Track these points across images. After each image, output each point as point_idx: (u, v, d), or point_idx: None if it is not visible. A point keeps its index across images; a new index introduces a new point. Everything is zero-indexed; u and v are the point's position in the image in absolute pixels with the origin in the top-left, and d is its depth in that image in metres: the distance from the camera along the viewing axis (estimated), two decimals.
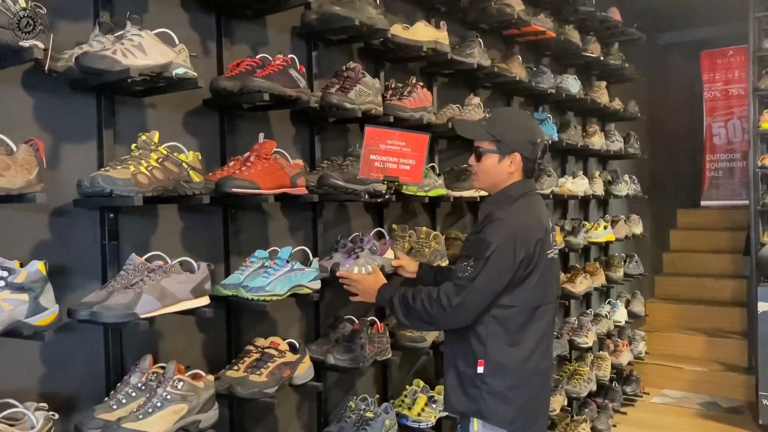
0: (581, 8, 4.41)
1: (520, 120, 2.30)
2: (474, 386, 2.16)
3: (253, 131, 2.46)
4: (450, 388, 2.25)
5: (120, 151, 2.04)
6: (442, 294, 2.08)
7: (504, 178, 2.23)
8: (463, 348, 2.19)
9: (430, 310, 2.10)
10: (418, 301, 2.13)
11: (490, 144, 2.21)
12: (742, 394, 5.27)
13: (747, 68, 6.85)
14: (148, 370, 1.96)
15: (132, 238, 2.11)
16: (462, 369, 2.19)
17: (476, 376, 2.15)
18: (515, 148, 2.19)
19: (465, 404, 2.19)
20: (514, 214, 2.15)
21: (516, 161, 2.20)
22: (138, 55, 1.84)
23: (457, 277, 2.09)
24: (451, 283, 2.10)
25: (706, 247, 6.73)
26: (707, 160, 7.41)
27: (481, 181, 2.28)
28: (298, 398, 2.72)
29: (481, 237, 2.11)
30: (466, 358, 2.18)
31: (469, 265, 2.07)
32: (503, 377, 2.15)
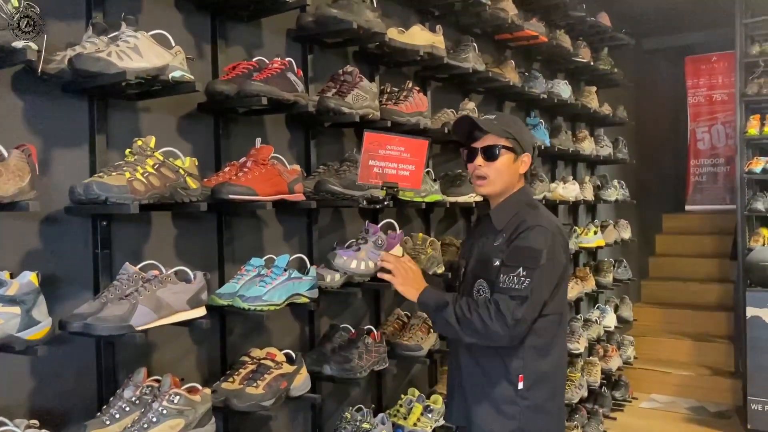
0: (572, 13, 4.41)
1: (520, 122, 2.29)
2: (512, 403, 2.06)
3: (248, 136, 2.40)
4: (481, 411, 2.10)
5: (113, 156, 1.97)
6: (504, 308, 1.94)
7: (515, 181, 2.17)
8: (497, 365, 2.07)
9: (491, 324, 1.94)
10: (475, 313, 1.97)
11: (507, 142, 2.12)
12: (729, 399, 5.30)
13: (730, 74, 6.97)
14: (142, 384, 1.89)
15: (124, 246, 2.04)
16: (497, 388, 2.07)
17: (515, 393, 2.05)
18: (526, 148, 2.17)
19: (501, 424, 2.07)
20: (549, 219, 2.11)
21: (526, 163, 2.18)
22: (134, 58, 1.77)
23: (513, 289, 1.95)
24: (505, 296, 1.95)
25: (692, 252, 6.77)
26: (691, 164, 7.46)
27: (492, 183, 2.14)
28: (293, 409, 2.65)
29: (525, 245, 2.00)
30: (503, 376, 2.07)
31: (522, 276, 1.95)
32: (541, 389, 2.08)
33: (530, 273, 1.96)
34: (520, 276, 1.96)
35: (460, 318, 1.99)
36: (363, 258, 2.33)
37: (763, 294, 4.49)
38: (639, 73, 6.54)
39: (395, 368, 2.76)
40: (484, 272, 2.10)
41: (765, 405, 4.44)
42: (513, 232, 2.07)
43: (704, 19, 6.19)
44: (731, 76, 7.02)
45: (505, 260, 2.02)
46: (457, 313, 2.00)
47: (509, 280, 1.97)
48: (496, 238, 2.13)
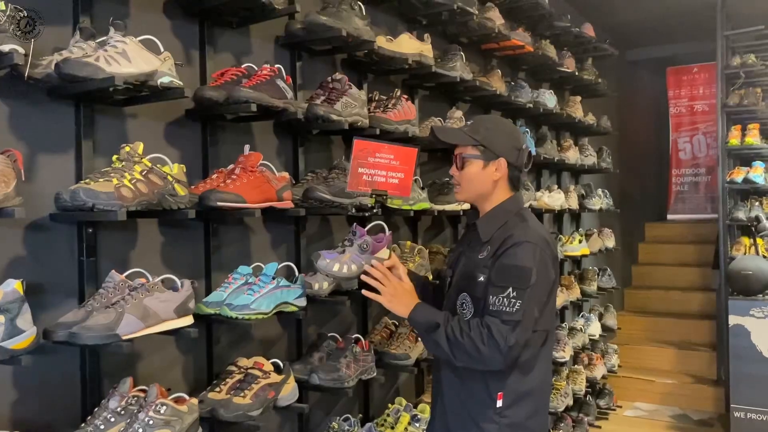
0: (557, 24, 4.45)
1: (503, 125, 2.16)
2: (491, 422, 1.97)
3: (236, 143, 2.39)
4: (460, 428, 2.03)
5: (99, 162, 1.95)
6: (496, 333, 1.85)
7: (489, 188, 2.06)
8: (476, 382, 1.99)
9: (483, 350, 1.86)
10: (467, 338, 1.88)
11: (473, 150, 2.04)
12: (712, 407, 5.34)
13: (711, 85, 7.07)
14: (128, 394, 1.86)
15: (110, 254, 2.01)
16: (476, 405, 2.00)
17: (494, 411, 1.97)
18: (500, 153, 2.03)
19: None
20: (537, 232, 2.01)
21: (501, 168, 2.04)
22: (122, 63, 1.76)
23: (505, 312, 1.86)
24: (497, 320, 1.87)
25: (674, 260, 6.83)
26: (673, 174, 7.55)
27: (464, 191, 2.09)
28: (279, 419, 2.62)
29: (513, 263, 1.91)
30: (482, 393, 1.98)
31: (512, 297, 1.87)
32: (522, 407, 2.00)
33: (521, 294, 1.88)
34: (510, 297, 1.88)
35: (452, 341, 1.91)
36: (346, 261, 2.19)
37: (745, 302, 4.54)
38: (622, 83, 6.61)
39: (383, 377, 2.73)
40: (468, 287, 2.02)
41: (748, 413, 4.47)
42: (499, 246, 1.97)
43: (686, 31, 6.29)
44: (712, 87, 7.13)
45: (494, 280, 1.92)
46: (449, 335, 1.91)
47: (500, 303, 1.88)
48: (482, 250, 2.03)
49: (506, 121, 2.29)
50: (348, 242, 2.25)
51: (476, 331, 1.88)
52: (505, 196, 2.08)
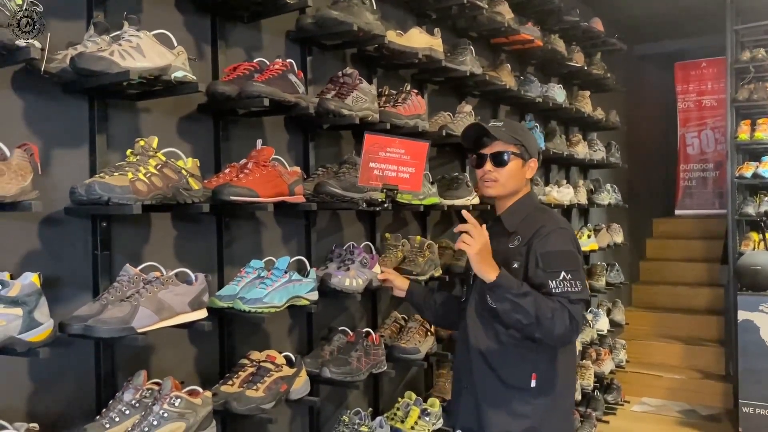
0: (566, 18, 4.43)
1: (526, 128, 2.35)
2: (525, 403, 2.10)
3: (247, 137, 2.39)
4: (493, 413, 2.12)
5: (113, 157, 1.96)
6: (574, 312, 1.99)
7: (522, 184, 2.25)
8: (510, 366, 2.11)
9: (567, 324, 1.97)
10: (551, 310, 1.98)
11: (515, 148, 2.20)
12: (720, 402, 5.33)
13: (719, 80, 7.04)
14: (142, 387, 1.87)
15: (124, 247, 2.02)
16: (510, 388, 2.11)
17: (528, 392, 2.09)
18: (533, 154, 2.25)
19: (515, 424, 2.10)
20: (562, 219, 2.21)
21: (532, 167, 2.25)
22: (136, 57, 1.76)
23: (572, 293, 2.00)
24: (566, 300, 1.99)
25: (682, 256, 6.81)
26: (681, 169, 7.51)
27: (503, 186, 2.20)
28: (290, 412, 2.64)
29: (558, 249, 2.06)
30: (516, 376, 2.11)
31: (570, 279, 2.01)
32: (553, 386, 2.12)
33: (575, 275, 2.03)
34: (567, 280, 2.01)
35: (539, 310, 1.97)
36: (354, 276, 2.46)
37: (754, 298, 4.52)
38: (630, 78, 6.58)
39: (393, 371, 2.74)
40: None
41: (756, 408, 4.46)
42: (532, 236, 2.10)
43: (694, 25, 6.25)
44: (720, 81, 7.10)
45: (543, 266, 2.04)
46: (536, 304, 1.98)
47: (562, 285, 2.01)
48: (511, 241, 2.16)
49: None
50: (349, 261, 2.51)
51: (557, 306, 1.99)
52: (525, 192, 2.27)
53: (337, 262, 2.55)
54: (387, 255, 2.84)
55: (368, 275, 2.51)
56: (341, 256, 2.57)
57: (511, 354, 2.11)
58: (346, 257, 2.52)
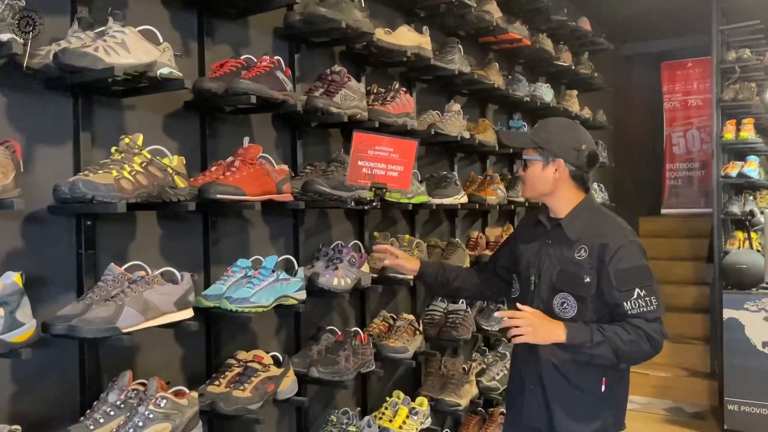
0: (554, 17, 4.43)
1: (564, 127, 2.25)
2: (596, 406, 2.14)
3: (234, 135, 2.37)
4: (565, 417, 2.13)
5: (97, 154, 1.93)
6: (652, 332, 2.02)
7: (550, 187, 2.17)
8: (582, 372, 2.11)
9: (647, 349, 2.03)
10: (629, 344, 2.01)
11: (533, 152, 2.18)
12: (705, 399, 5.36)
13: (705, 80, 7.09)
14: (127, 387, 1.85)
15: (109, 246, 1.99)
16: (582, 393, 2.12)
17: (599, 396, 2.13)
18: (558, 154, 2.14)
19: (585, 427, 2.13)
20: (626, 227, 2.16)
21: (561, 168, 2.15)
22: (121, 53, 1.74)
23: (647, 312, 2.03)
24: (642, 320, 2.02)
25: (668, 255, 6.83)
26: (667, 168, 7.56)
27: (528, 189, 2.24)
28: (278, 412, 2.62)
29: (631, 266, 2.04)
30: (588, 381, 2.12)
31: (644, 296, 2.03)
32: (619, 387, 2.19)
33: (649, 290, 2.04)
34: (642, 297, 2.02)
35: (618, 352, 2.01)
36: (342, 276, 2.44)
37: (740, 296, 4.56)
38: (617, 78, 6.61)
39: (382, 371, 2.73)
40: (571, 287, 2.10)
41: (741, 405, 4.50)
42: (600, 249, 2.06)
43: (680, 25, 6.29)
44: (706, 81, 7.15)
45: (618, 286, 2.03)
46: (613, 348, 2.01)
47: (636, 306, 2.02)
48: (576, 251, 2.11)
49: (570, 122, 2.34)
50: (337, 260, 2.49)
51: (634, 335, 2.01)
52: (578, 196, 2.19)
53: (325, 261, 2.54)
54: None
55: (357, 274, 2.49)
56: (329, 255, 2.56)
57: (581, 360, 2.09)
58: (334, 256, 2.51)
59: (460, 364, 3.34)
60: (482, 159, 4.05)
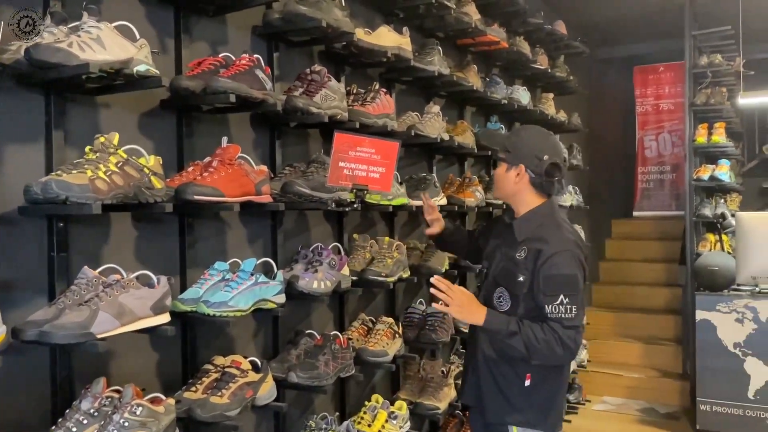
0: (531, 20, 4.45)
1: (535, 135, 2.34)
2: (520, 396, 2.23)
3: (211, 135, 2.32)
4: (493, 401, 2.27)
5: (70, 154, 1.86)
6: (566, 338, 2.09)
7: (512, 190, 2.29)
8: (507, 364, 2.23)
9: (558, 351, 2.09)
10: (542, 342, 2.10)
11: (503, 153, 2.29)
12: (677, 400, 5.43)
13: (677, 84, 7.20)
14: (101, 395, 1.78)
15: (81, 249, 1.92)
16: (507, 382, 2.24)
17: (522, 389, 2.22)
18: (521, 160, 2.24)
19: (511, 416, 2.24)
20: (570, 239, 2.21)
21: (522, 173, 2.25)
22: (96, 49, 1.68)
23: (565, 319, 2.10)
24: (559, 326, 2.10)
25: (640, 257, 6.93)
26: (639, 171, 7.65)
27: (495, 189, 2.40)
28: (255, 418, 2.57)
29: (559, 272, 2.12)
30: (513, 372, 2.23)
31: (566, 304, 2.10)
32: (546, 387, 2.25)
33: (573, 299, 2.11)
34: (564, 304, 2.10)
35: (530, 346, 2.10)
36: (322, 279, 2.43)
37: (712, 298, 4.61)
38: (591, 81, 6.67)
39: (361, 375, 2.70)
40: (507, 283, 2.22)
41: (713, 405, 4.56)
42: (537, 254, 2.15)
43: (653, 30, 6.37)
44: (677, 86, 7.26)
45: (543, 289, 2.13)
46: (526, 341, 2.10)
47: (556, 310, 2.11)
48: (518, 250, 2.22)
49: (545, 132, 2.40)
50: (317, 262, 2.47)
51: (549, 335, 2.10)
52: (537, 201, 2.28)
53: (304, 264, 2.50)
54: (355, 256, 2.79)
55: (337, 277, 2.46)
56: (308, 258, 2.52)
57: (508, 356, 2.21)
58: (313, 259, 2.47)
59: (438, 366, 3.32)
60: (460, 161, 4.04)
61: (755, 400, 4.37)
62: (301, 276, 2.39)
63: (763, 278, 4.39)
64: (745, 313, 4.44)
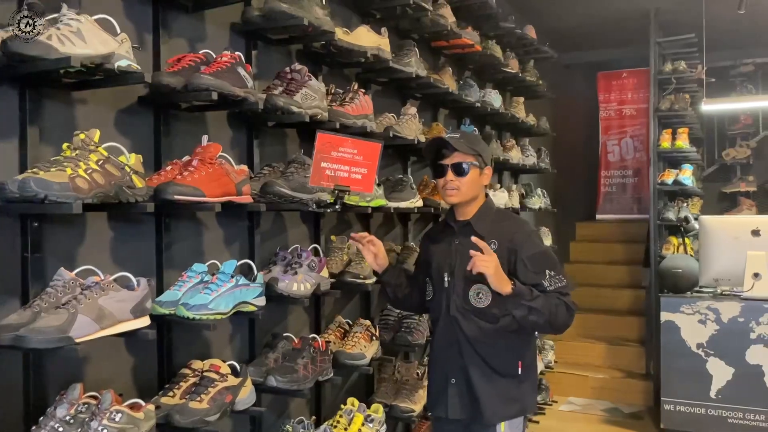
0: (502, 24, 4.48)
1: (480, 137, 2.57)
2: (515, 388, 2.33)
3: (189, 133, 2.27)
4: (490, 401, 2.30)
5: (45, 151, 1.80)
6: (570, 303, 2.24)
7: (479, 191, 2.40)
8: (502, 357, 2.32)
9: (569, 317, 2.23)
10: (555, 306, 2.20)
11: (473, 159, 2.33)
12: (641, 400, 5.53)
13: (639, 90, 7.35)
14: (78, 401, 1.72)
15: (56, 249, 1.85)
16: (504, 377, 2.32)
17: (518, 378, 2.33)
18: (488, 163, 2.40)
19: (509, 408, 2.32)
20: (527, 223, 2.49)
21: (488, 174, 2.41)
22: (76, 43, 1.62)
23: (561, 287, 2.24)
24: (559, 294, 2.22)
25: (604, 259, 7.04)
26: (602, 175, 7.78)
27: (464, 194, 2.34)
28: (231, 423, 2.51)
29: (537, 251, 2.29)
30: (507, 365, 2.32)
31: (555, 275, 2.24)
32: (530, 369, 2.40)
33: (557, 269, 2.27)
34: (553, 277, 2.24)
35: (550, 308, 2.19)
36: (302, 281, 2.41)
37: (675, 299, 4.70)
38: (557, 86, 6.74)
39: (339, 378, 2.67)
40: (484, 278, 2.20)
41: (677, 405, 4.64)
42: (509, 242, 2.29)
43: (618, 37, 6.48)
44: (640, 92, 7.41)
45: (532, 269, 2.25)
46: (547, 303, 2.19)
47: (552, 282, 2.24)
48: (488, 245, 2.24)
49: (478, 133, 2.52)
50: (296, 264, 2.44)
51: (558, 301, 2.21)
52: (483, 198, 2.43)
53: (283, 266, 2.46)
54: (332, 258, 2.77)
55: (316, 279, 2.43)
56: (287, 260, 2.48)
57: (500, 345, 2.31)
58: (293, 261, 2.43)
59: (413, 369, 3.31)
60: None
61: (717, 399, 4.47)
62: (280, 278, 2.35)
63: (725, 280, 4.49)
64: (707, 315, 4.54)
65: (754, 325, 4.33)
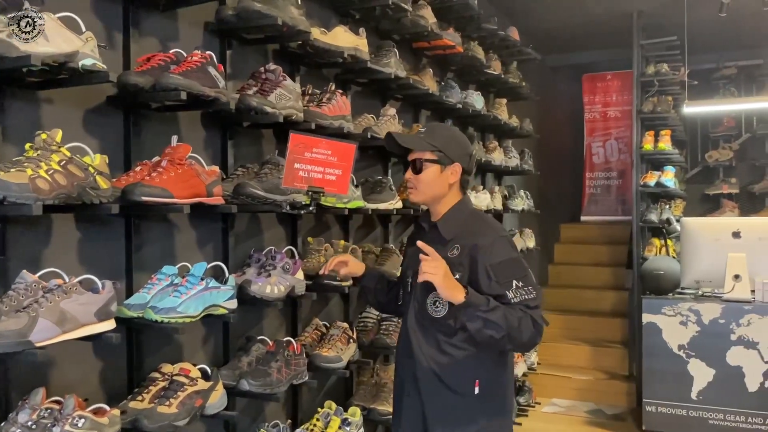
0: (485, 26, 4.47)
1: (456, 133, 2.28)
2: (470, 408, 2.12)
3: (160, 134, 2.23)
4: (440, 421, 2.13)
5: (8, 151, 1.76)
6: (537, 318, 2.03)
7: (444, 191, 2.19)
8: (455, 373, 2.12)
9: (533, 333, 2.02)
10: (517, 320, 1.99)
11: (431, 155, 2.16)
12: (624, 401, 5.54)
13: (623, 92, 7.38)
14: (40, 406, 1.68)
15: (20, 251, 1.81)
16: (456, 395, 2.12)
17: (473, 398, 2.12)
18: (455, 159, 2.18)
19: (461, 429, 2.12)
20: (499, 226, 2.23)
21: (456, 173, 2.19)
22: (39, 41, 1.58)
23: (528, 300, 2.04)
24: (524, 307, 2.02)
25: (588, 260, 7.06)
26: (587, 177, 7.82)
27: (421, 193, 2.19)
28: (204, 428, 2.48)
29: (504, 258, 2.07)
30: (461, 383, 2.12)
31: (522, 286, 2.04)
32: (495, 392, 2.17)
33: (526, 280, 2.06)
34: (520, 288, 2.04)
35: (509, 321, 1.98)
36: (275, 283, 2.36)
37: (658, 301, 4.71)
38: (542, 88, 6.76)
39: (315, 381, 2.64)
40: None
41: (658, 406, 4.65)
42: (473, 247, 2.08)
43: (602, 39, 6.50)
44: (624, 94, 7.45)
45: (496, 279, 2.04)
46: (506, 315, 1.98)
47: (518, 294, 2.03)
48: (450, 250, 2.11)
49: (457, 129, 2.35)
50: (270, 267, 2.39)
51: (521, 314, 2.00)
52: (456, 199, 2.22)
53: (257, 268, 2.43)
54: (309, 260, 2.74)
55: (291, 281, 2.40)
56: (261, 262, 2.45)
57: (455, 362, 2.11)
58: (266, 263, 2.40)
59: (392, 372, 3.28)
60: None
61: (698, 401, 4.48)
62: (253, 281, 2.32)
63: (706, 282, 4.51)
64: (689, 316, 4.55)
65: (734, 327, 4.35)
